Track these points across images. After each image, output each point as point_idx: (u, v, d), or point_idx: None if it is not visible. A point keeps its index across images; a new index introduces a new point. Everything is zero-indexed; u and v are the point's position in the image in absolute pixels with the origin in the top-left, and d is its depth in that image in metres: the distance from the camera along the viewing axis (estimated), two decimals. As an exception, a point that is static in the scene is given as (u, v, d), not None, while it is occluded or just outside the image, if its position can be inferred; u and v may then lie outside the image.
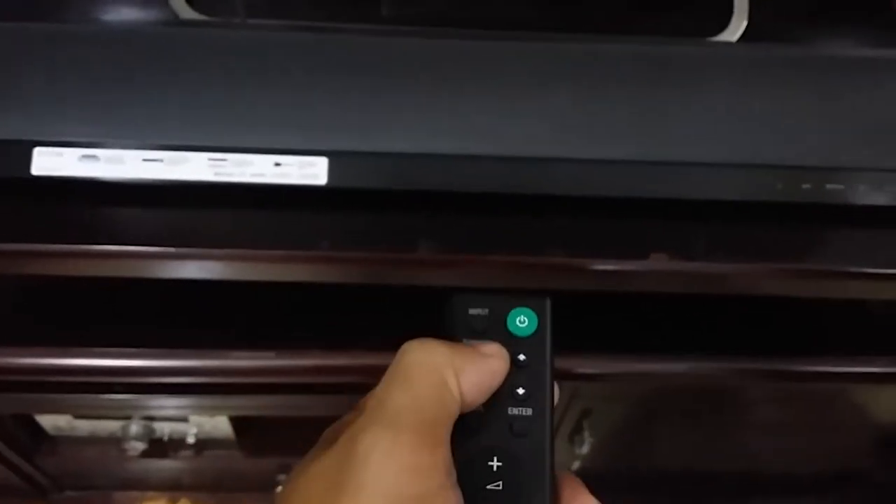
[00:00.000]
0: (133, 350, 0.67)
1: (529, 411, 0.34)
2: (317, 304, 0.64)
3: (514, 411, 0.34)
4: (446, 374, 0.30)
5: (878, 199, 0.54)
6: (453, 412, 0.30)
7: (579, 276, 0.56)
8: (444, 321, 0.35)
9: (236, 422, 0.92)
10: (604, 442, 0.91)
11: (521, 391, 0.35)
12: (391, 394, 0.29)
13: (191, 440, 0.95)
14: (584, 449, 0.88)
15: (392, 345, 0.41)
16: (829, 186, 0.54)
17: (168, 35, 0.57)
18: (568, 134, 0.54)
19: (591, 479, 0.96)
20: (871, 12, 0.72)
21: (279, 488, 0.32)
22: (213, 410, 0.86)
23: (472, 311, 0.34)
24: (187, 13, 0.65)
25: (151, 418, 0.91)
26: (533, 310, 0.36)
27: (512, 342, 0.36)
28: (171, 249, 0.54)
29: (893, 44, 0.72)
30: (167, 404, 0.82)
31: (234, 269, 0.56)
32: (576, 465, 0.92)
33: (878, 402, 0.88)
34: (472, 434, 0.33)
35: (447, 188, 0.54)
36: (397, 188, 0.54)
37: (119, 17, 0.67)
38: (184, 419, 0.92)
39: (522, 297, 0.36)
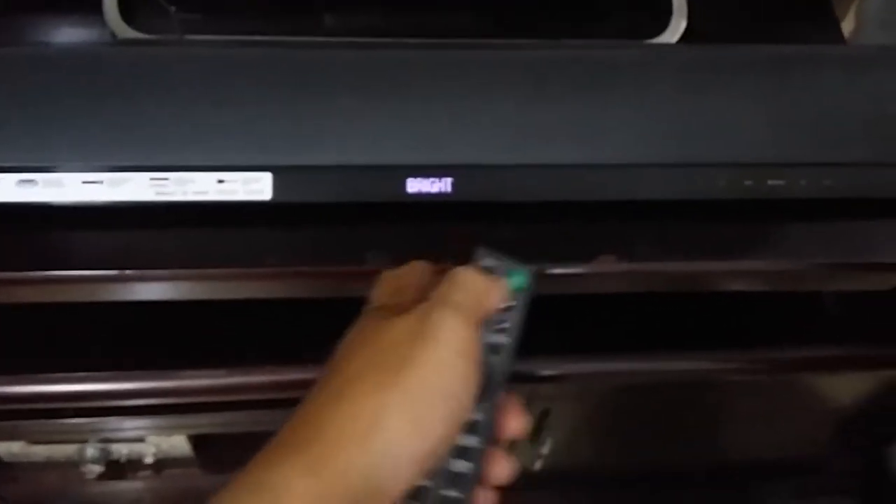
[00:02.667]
0: (84, 375, 0.66)
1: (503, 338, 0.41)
2: (268, 319, 0.64)
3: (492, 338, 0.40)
4: (490, 289, 0.39)
5: (818, 193, 0.55)
6: (489, 311, 0.39)
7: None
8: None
9: (195, 440, 0.91)
10: (565, 440, 0.92)
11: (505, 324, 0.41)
12: (453, 292, 0.37)
13: (149, 460, 0.93)
14: (545, 449, 0.88)
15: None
16: (770, 182, 0.55)
17: (104, 55, 0.56)
18: (511, 140, 0.54)
19: (554, 477, 0.97)
20: (809, 10, 0.73)
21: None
22: (169, 430, 0.85)
23: (485, 262, 0.42)
24: (124, 31, 0.63)
25: (108, 440, 0.89)
26: (524, 274, 0.43)
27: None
28: (116, 272, 0.53)
29: (830, 39, 0.74)
30: (122, 426, 0.80)
31: (182, 290, 0.56)
32: (538, 464, 0.93)
33: (835, 392, 0.90)
34: None
35: (392, 199, 0.54)
36: (343, 201, 0.54)
37: (55, 37, 0.66)
38: (141, 440, 0.90)
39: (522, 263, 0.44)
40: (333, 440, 0.32)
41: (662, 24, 0.67)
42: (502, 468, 0.39)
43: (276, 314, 0.63)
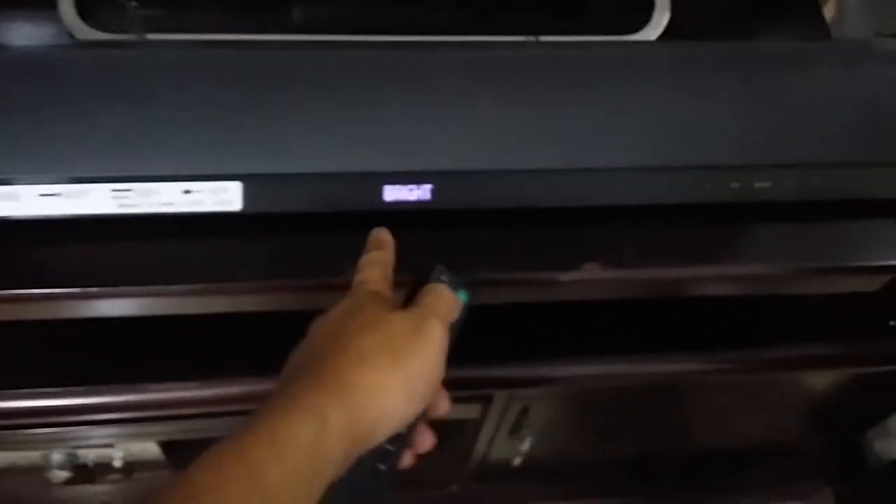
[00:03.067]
0: (52, 390, 0.63)
1: None
2: (240, 330, 0.61)
3: None
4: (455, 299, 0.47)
5: (806, 195, 0.54)
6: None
7: (510, 289, 0.55)
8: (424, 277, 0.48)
9: (165, 443, 0.89)
10: (545, 434, 0.91)
11: None
12: (439, 305, 0.45)
13: (117, 464, 0.91)
14: (525, 445, 0.87)
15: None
16: (757, 185, 0.54)
17: (61, 58, 0.53)
18: (490, 145, 0.52)
19: (535, 469, 0.96)
20: (793, 14, 0.72)
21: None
22: (137, 438, 0.83)
23: (443, 278, 0.47)
24: (82, 31, 0.60)
25: (75, 447, 0.87)
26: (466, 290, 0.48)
27: None
28: (78, 290, 0.50)
29: (812, 26, 0.72)
30: (90, 435, 0.78)
31: (149, 306, 0.53)
32: (518, 459, 0.92)
33: (813, 380, 0.89)
34: None
35: (368, 208, 0.52)
36: (317, 211, 0.52)
37: (7, 38, 0.62)
38: (109, 445, 0.88)
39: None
40: (358, 393, 0.40)
41: (644, 18, 0.65)
42: (426, 439, 0.47)
43: (249, 324, 0.60)
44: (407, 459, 0.46)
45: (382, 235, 0.48)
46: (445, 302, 0.45)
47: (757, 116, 0.54)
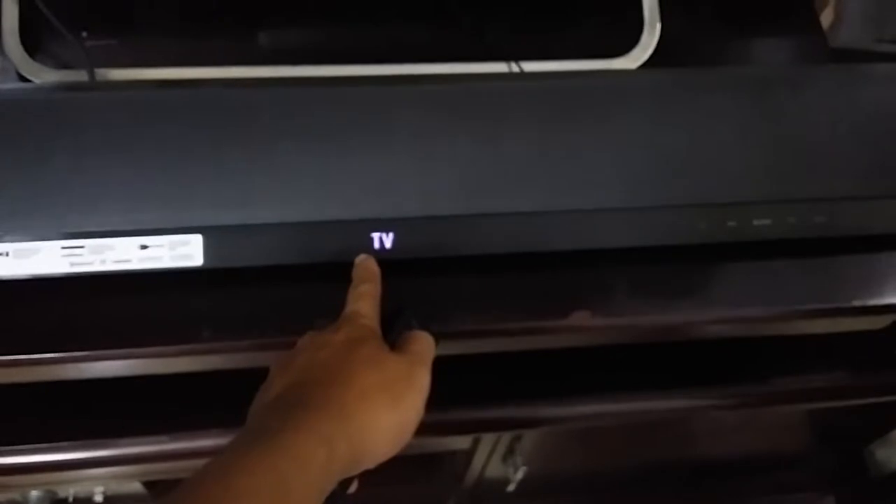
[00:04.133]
0: (24, 447, 0.60)
1: None
2: (208, 383, 0.58)
3: None
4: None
5: (809, 231, 0.50)
6: None
7: (496, 340, 0.51)
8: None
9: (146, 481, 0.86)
10: (540, 455, 0.88)
11: None
12: (425, 352, 0.45)
13: (98, 499, 0.88)
14: (519, 473, 0.84)
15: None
16: (756, 222, 0.50)
17: (5, 100, 0.49)
18: (469, 187, 0.49)
19: (532, 490, 0.94)
20: (788, 4, 0.68)
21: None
22: (117, 482, 0.80)
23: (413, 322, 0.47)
24: (29, 68, 0.56)
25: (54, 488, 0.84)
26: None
27: None
28: (29, 357, 0.47)
29: (809, 33, 0.69)
30: (68, 480, 0.75)
31: (109, 369, 0.50)
32: (512, 486, 0.89)
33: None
34: None
35: (338, 258, 0.48)
36: (284, 262, 0.48)
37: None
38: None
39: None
40: (358, 427, 0.41)
41: (633, 38, 0.61)
42: None
43: (218, 378, 0.57)
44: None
45: (370, 265, 0.48)
46: (430, 350, 0.46)
47: (754, 149, 0.51)
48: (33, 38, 0.58)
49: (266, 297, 0.49)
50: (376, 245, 0.49)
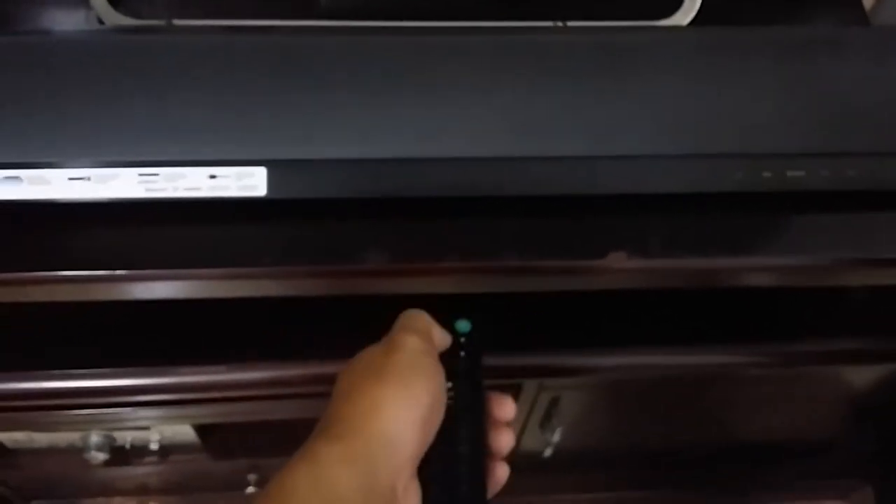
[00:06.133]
0: (84, 371, 0.64)
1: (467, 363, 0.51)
2: (266, 315, 0.62)
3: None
4: (433, 326, 0.48)
5: (841, 184, 0.52)
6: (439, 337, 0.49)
7: (536, 278, 0.54)
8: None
9: (199, 427, 0.90)
10: (575, 424, 0.90)
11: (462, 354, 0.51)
12: (406, 321, 0.47)
13: (154, 447, 0.92)
14: (556, 436, 0.87)
15: (343, 353, 0.46)
16: (790, 174, 0.52)
17: (90, 43, 0.54)
18: (517, 132, 0.52)
19: (566, 460, 0.96)
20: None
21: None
22: (172, 421, 0.84)
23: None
24: (111, 17, 0.61)
25: (112, 428, 0.88)
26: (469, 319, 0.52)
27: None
28: (107, 273, 0.51)
29: (850, 13, 0.70)
30: (125, 417, 0.79)
31: (175, 289, 0.54)
32: (549, 450, 0.91)
33: (851, 374, 0.87)
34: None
35: (393, 194, 0.52)
36: (341, 196, 0.52)
37: (37, 23, 0.63)
38: (145, 427, 0.89)
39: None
40: (349, 420, 0.42)
41: (675, 2, 0.64)
42: (505, 439, 0.49)
43: (275, 310, 0.61)
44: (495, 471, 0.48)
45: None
46: (416, 319, 0.48)
47: (791, 104, 0.53)
48: (115, -8, 0.62)
49: (323, 228, 0.52)
50: (426, 182, 0.52)
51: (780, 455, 1.06)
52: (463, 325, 0.51)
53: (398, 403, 0.42)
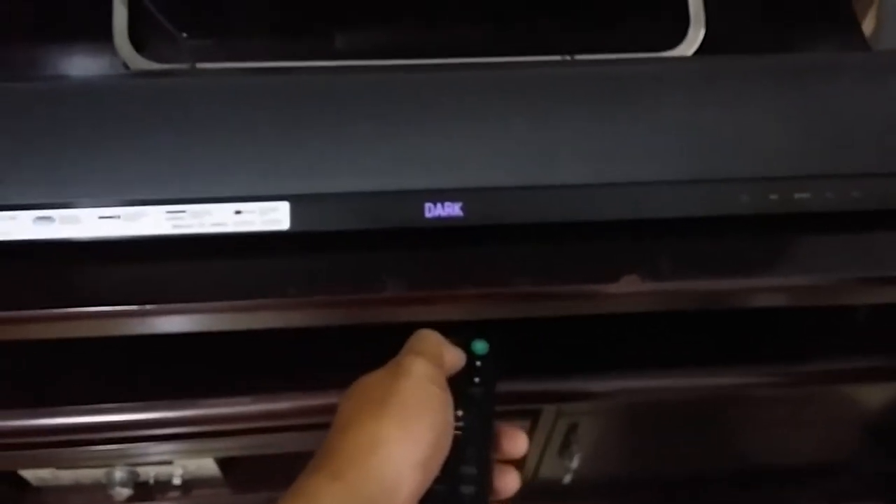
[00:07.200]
0: (110, 406, 0.66)
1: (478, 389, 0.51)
2: (289, 346, 0.63)
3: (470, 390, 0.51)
4: (444, 347, 0.49)
5: (846, 205, 0.54)
6: (450, 361, 0.49)
7: (550, 303, 0.55)
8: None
9: (222, 460, 0.91)
10: (594, 451, 0.91)
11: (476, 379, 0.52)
12: (415, 344, 0.47)
13: (177, 482, 0.93)
14: (574, 463, 0.87)
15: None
16: (796, 196, 0.54)
17: (117, 87, 0.56)
18: (529, 161, 0.53)
19: (585, 487, 0.96)
20: (828, 10, 0.72)
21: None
22: (195, 454, 0.85)
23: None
24: (136, 61, 0.63)
25: (136, 464, 0.89)
26: (487, 340, 0.53)
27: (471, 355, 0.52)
28: (136, 308, 0.52)
29: (850, 39, 0.72)
30: (149, 452, 0.80)
31: (203, 322, 0.55)
32: (567, 478, 0.92)
33: (866, 395, 0.88)
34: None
35: (410, 224, 0.53)
36: (361, 228, 0.53)
37: (65, 68, 0.66)
38: (169, 462, 0.90)
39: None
40: (348, 456, 0.41)
41: (679, 34, 0.66)
42: (510, 481, 0.49)
43: (298, 341, 0.62)
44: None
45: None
46: (427, 341, 0.48)
47: (795, 128, 0.54)
48: (140, 39, 0.65)
49: (346, 259, 0.54)
50: (444, 213, 0.54)
51: (796, 477, 1.06)
52: (480, 347, 0.52)
53: (399, 444, 0.41)
